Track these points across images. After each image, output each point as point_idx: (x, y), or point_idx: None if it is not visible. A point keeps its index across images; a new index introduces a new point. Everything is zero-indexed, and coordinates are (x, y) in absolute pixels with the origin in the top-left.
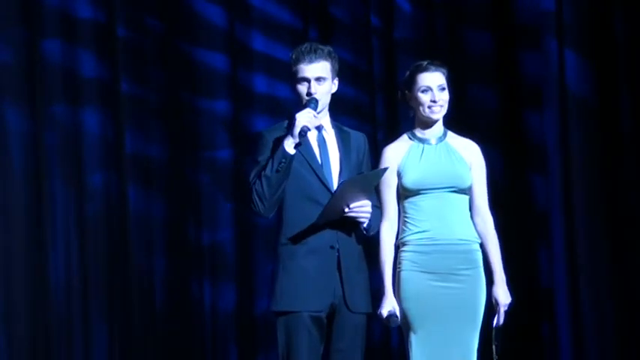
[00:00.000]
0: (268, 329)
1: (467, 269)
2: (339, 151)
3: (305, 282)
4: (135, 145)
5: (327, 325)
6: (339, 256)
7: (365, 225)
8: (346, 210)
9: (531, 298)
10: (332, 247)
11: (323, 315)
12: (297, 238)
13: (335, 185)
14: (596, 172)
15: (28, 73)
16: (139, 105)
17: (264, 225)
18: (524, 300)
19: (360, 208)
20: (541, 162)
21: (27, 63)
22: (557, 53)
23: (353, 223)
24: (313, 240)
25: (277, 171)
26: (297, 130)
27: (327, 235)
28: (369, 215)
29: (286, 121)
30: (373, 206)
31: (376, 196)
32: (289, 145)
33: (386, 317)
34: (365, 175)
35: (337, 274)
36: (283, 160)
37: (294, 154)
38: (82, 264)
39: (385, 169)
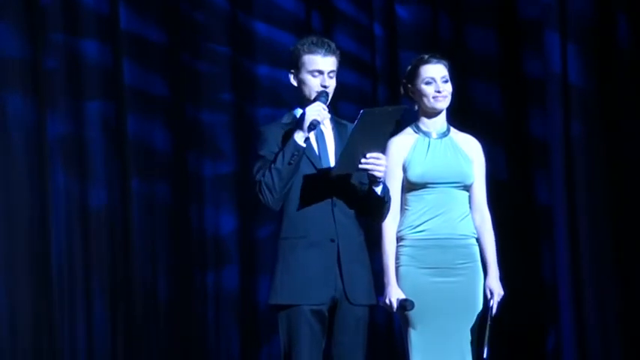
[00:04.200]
0: (271, 318)
1: (465, 263)
2: (336, 143)
3: (305, 275)
4: (138, 134)
5: (329, 318)
6: (338, 249)
7: (379, 187)
8: (362, 161)
9: (534, 295)
10: (332, 241)
11: (324, 308)
12: (297, 232)
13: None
14: (599, 169)
15: (32, 64)
16: (142, 95)
17: (268, 213)
18: (527, 298)
19: (376, 160)
20: (544, 158)
21: (31, 54)
22: (560, 48)
23: (352, 216)
24: (313, 233)
25: (289, 163)
26: (307, 123)
27: (327, 229)
28: (384, 169)
29: (285, 116)
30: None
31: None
32: (300, 139)
33: (399, 304)
34: (384, 108)
35: (337, 267)
36: (295, 153)
37: (305, 146)
38: (85, 253)
39: (404, 108)
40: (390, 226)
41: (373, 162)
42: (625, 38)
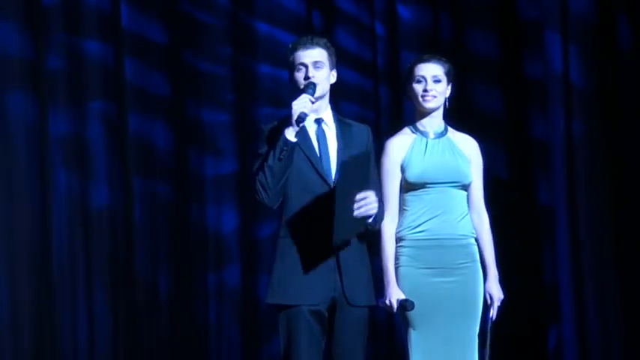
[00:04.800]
0: (272, 318)
1: (465, 263)
2: (339, 144)
3: (301, 276)
4: (140, 133)
5: (329, 318)
6: (338, 251)
7: (371, 220)
8: (355, 207)
9: (536, 295)
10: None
11: (323, 308)
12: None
13: (334, 179)
14: (600, 169)
15: (34, 63)
16: (144, 94)
17: (270, 212)
18: (529, 297)
19: (367, 200)
20: (545, 159)
21: (33, 54)
22: (561, 49)
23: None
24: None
25: (279, 159)
26: (294, 117)
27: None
28: (377, 205)
29: (285, 115)
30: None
31: (378, 188)
32: (290, 133)
33: (399, 304)
34: (354, 157)
35: (336, 267)
36: (285, 148)
37: (296, 141)
38: (86, 252)
39: (369, 153)
40: (388, 226)
41: (365, 203)
42: (625, 39)
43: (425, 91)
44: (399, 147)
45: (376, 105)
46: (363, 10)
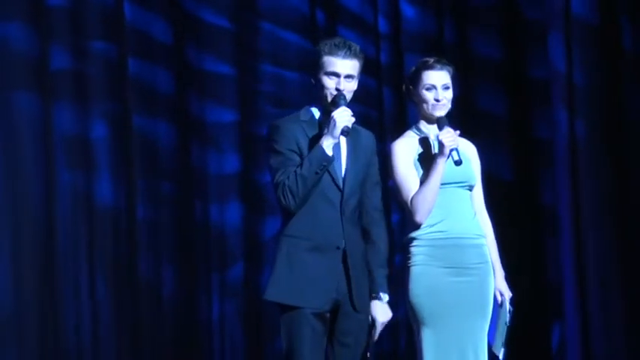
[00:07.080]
0: (275, 316)
1: (479, 263)
2: (348, 148)
3: (305, 278)
4: (143, 131)
5: (332, 319)
6: (345, 256)
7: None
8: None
9: (539, 294)
10: (338, 248)
11: (325, 310)
12: (303, 232)
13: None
14: (604, 169)
15: (39, 62)
16: (148, 93)
17: (273, 211)
18: (532, 296)
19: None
20: (548, 158)
21: (38, 53)
22: (564, 49)
23: (358, 223)
24: (319, 237)
25: (316, 173)
26: (337, 131)
27: (334, 235)
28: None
29: (302, 112)
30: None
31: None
32: (328, 147)
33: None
34: None
35: (342, 272)
36: (324, 164)
37: (333, 155)
38: (90, 251)
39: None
40: None
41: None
42: (628, 39)
43: (436, 100)
44: (408, 147)
45: (379, 104)
46: (367, 9)
